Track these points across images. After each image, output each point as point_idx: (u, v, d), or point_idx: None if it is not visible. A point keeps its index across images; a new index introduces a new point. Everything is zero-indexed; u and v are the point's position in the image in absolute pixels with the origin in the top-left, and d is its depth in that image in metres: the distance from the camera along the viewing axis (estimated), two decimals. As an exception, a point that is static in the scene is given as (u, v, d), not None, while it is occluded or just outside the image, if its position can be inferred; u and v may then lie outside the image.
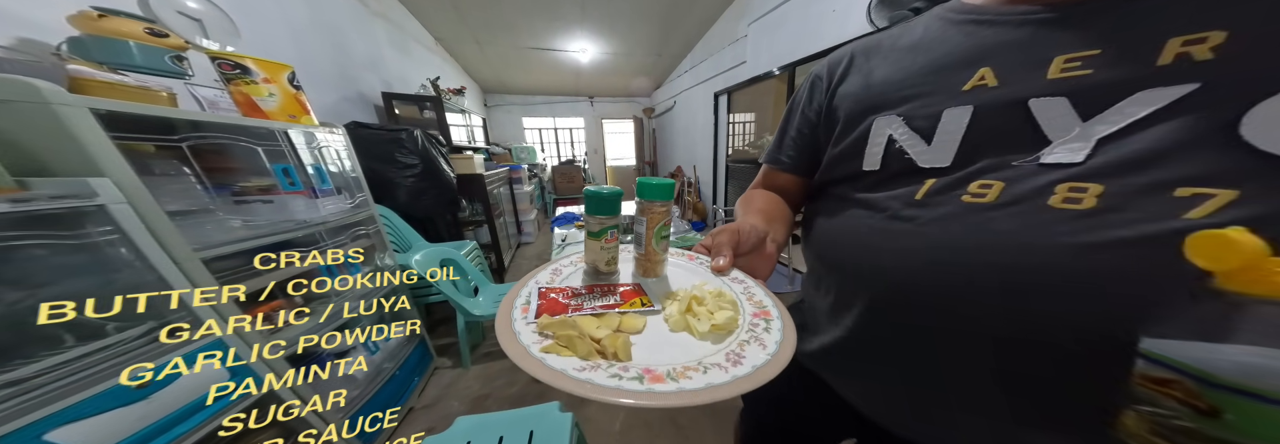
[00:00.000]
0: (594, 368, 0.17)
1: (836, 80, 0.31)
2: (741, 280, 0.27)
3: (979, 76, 0.22)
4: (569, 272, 0.27)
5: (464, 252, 1.30)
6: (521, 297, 0.22)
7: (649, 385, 0.16)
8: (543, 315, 0.20)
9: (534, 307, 0.21)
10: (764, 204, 0.36)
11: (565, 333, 0.18)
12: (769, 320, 0.22)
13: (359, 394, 0.79)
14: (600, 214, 0.25)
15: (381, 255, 0.97)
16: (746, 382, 0.17)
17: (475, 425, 0.62)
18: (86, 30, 0.49)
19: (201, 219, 0.56)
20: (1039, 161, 0.20)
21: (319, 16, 1.26)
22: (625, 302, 0.23)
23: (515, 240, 2.43)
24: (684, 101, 3.24)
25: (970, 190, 0.22)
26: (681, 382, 0.16)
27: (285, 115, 0.69)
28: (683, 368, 0.17)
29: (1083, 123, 0.19)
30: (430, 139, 1.40)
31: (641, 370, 0.17)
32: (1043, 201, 0.20)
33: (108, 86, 0.45)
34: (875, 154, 0.27)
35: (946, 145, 0.23)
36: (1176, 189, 0.17)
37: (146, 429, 0.41)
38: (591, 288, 0.24)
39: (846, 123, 0.29)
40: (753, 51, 2.00)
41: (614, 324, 0.21)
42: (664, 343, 0.20)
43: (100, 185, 0.39)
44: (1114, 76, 0.18)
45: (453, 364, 1.19)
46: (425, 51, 2.26)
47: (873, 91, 0.28)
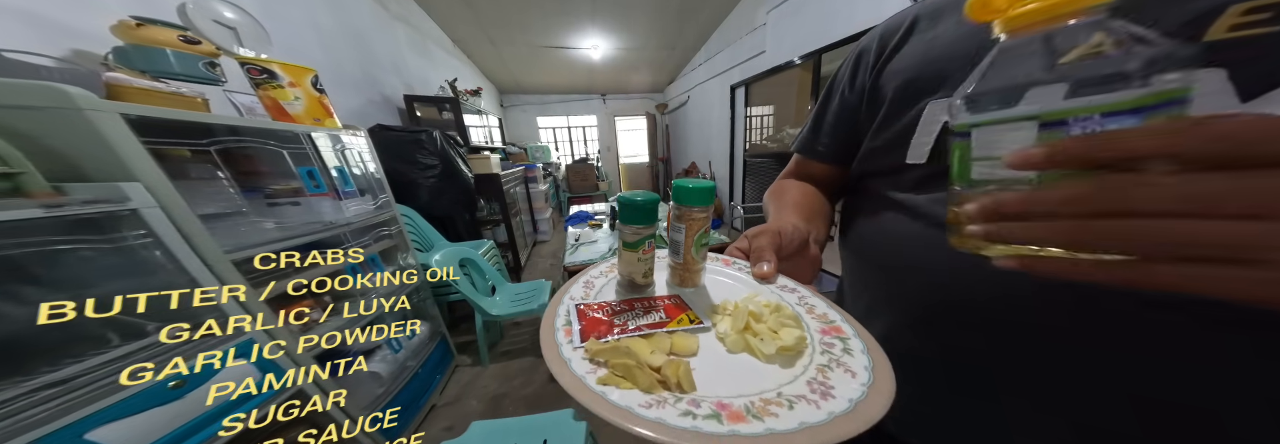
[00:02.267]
0: (661, 403, 0.14)
1: (888, 53, 0.25)
2: (793, 288, 0.24)
3: (1094, 42, 0.16)
4: (602, 283, 0.24)
5: (481, 251, 1.31)
6: (560, 316, 0.20)
7: (731, 426, 0.13)
8: (589, 338, 0.18)
9: (577, 328, 0.19)
10: (799, 197, 0.32)
11: (620, 362, 0.16)
12: (845, 339, 0.19)
13: (384, 392, 0.81)
14: (636, 223, 0.22)
15: (404, 255, 0.99)
16: (848, 421, 0.14)
17: (490, 431, 0.61)
18: (127, 39, 0.51)
19: (236, 221, 0.58)
20: None
21: (343, 21, 1.30)
22: (671, 318, 0.20)
23: (531, 239, 2.46)
24: (698, 95, 3.15)
25: None
26: (768, 421, 0.14)
27: (310, 118, 0.70)
28: (763, 402, 0.15)
29: (1241, 104, 0.14)
30: (448, 140, 1.42)
31: (714, 405, 0.14)
32: None
33: (143, 93, 0.46)
34: (923, 145, 0.22)
35: None
36: None
37: (182, 427, 0.42)
38: (631, 303, 0.22)
39: (893, 107, 0.24)
40: (772, 40, 1.90)
41: (665, 346, 0.18)
42: (724, 367, 0.17)
43: (132, 190, 0.40)
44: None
45: (472, 362, 1.22)
46: (444, 54, 2.31)
47: (932, 68, 0.22)
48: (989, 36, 0.19)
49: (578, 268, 0.99)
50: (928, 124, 0.22)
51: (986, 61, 0.14)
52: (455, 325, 1.40)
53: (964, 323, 0.20)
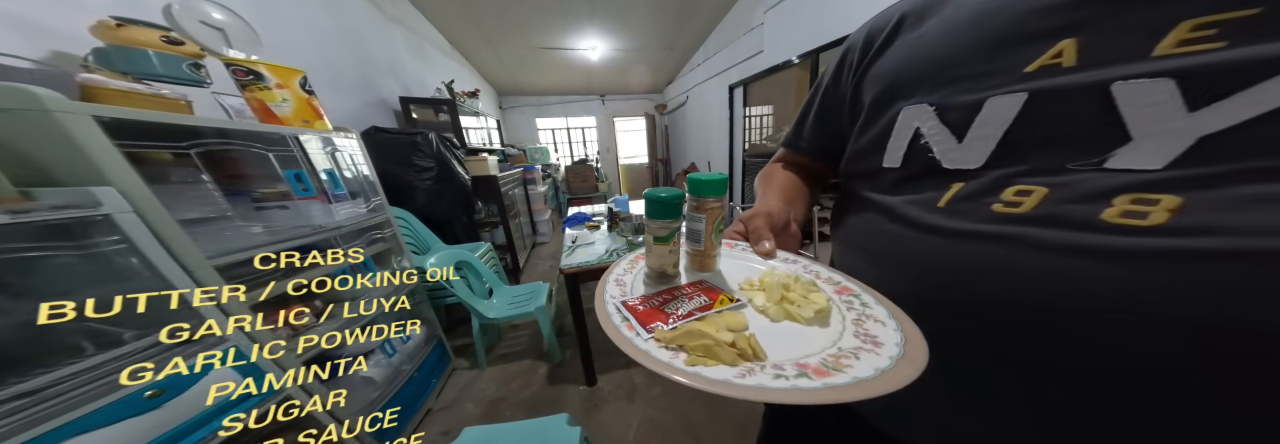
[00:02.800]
0: (750, 372, 0.15)
1: (872, 55, 0.26)
2: (794, 260, 0.27)
3: (1054, 52, 0.17)
4: (630, 280, 0.25)
5: (478, 253, 1.30)
6: (614, 315, 0.20)
7: (822, 380, 0.15)
8: (655, 329, 0.19)
9: (635, 323, 0.19)
10: (783, 182, 0.35)
11: (699, 343, 0.17)
12: (857, 295, 0.21)
13: (378, 396, 0.80)
14: (664, 218, 0.24)
15: (399, 259, 0.98)
16: (909, 364, 0.16)
17: (483, 437, 0.60)
18: (107, 40, 0.50)
19: (221, 226, 0.57)
20: (1103, 165, 0.16)
21: (339, 24, 1.30)
22: (713, 301, 0.21)
23: (531, 240, 2.45)
24: (697, 96, 3.15)
25: (1004, 197, 0.18)
26: (847, 371, 0.15)
27: (299, 120, 0.69)
28: (833, 358, 0.16)
29: (1188, 114, 0.14)
30: (444, 141, 1.41)
31: (797, 366, 0.16)
32: (1095, 215, 0.16)
33: (120, 94, 0.45)
34: (897, 150, 0.23)
35: (981, 144, 0.19)
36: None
37: (161, 437, 0.41)
38: (671, 293, 0.23)
39: (871, 112, 0.25)
40: (770, 40, 1.90)
41: (722, 325, 0.19)
42: (776, 335, 0.19)
43: (105, 194, 0.39)
44: (1263, 50, 0.13)
45: (469, 365, 1.20)
46: (441, 56, 2.31)
47: (908, 72, 0.23)
48: (976, 37, 0.20)
49: (575, 270, 0.98)
50: (902, 129, 0.23)
51: None
52: (453, 328, 1.39)
53: (961, 318, 0.20)
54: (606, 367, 1.14)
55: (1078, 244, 0.16)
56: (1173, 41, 0.14)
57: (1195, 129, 0.14)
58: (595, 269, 0.97)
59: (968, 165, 0.20)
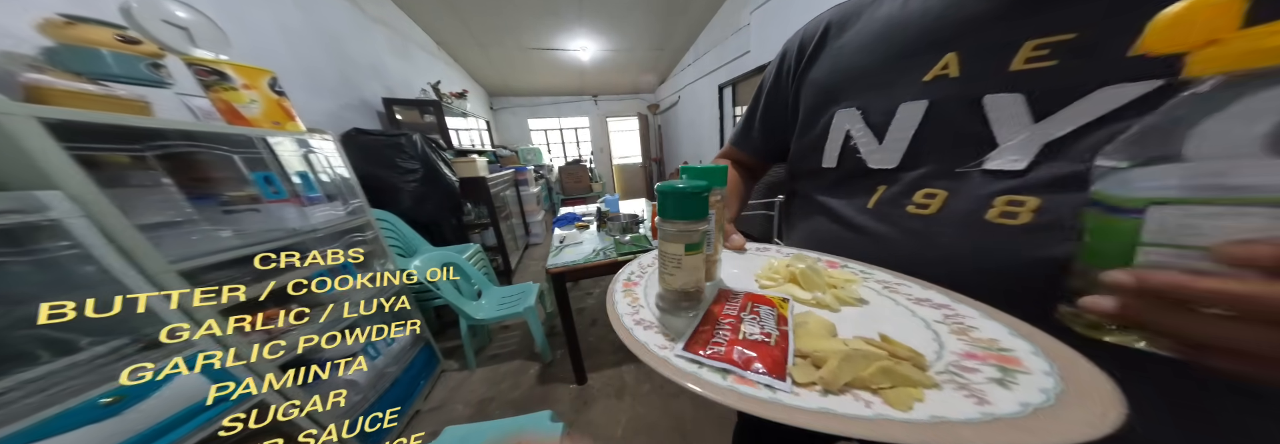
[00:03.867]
0: (968, 387, 0.12)
1: (805, 61, 0.29)
2: (764, 248, 0.27)
3: (942, 64, 0.20)
4: (650, 316, 0.18)
5: (466, 255, 1.29)
6: (710, 375, 0.13)
7: (1042, 369, 0.12)
8: (785, 373, 0.13)
9: (752, 374, 0.13)
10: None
11: (874, 368, 0.12)
12: (846, 266, 0.22)
13: (361, 398, 0.79)
14: (691, 218, 0.17)
15: (382, 261, 0.97)
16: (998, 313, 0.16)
17: (464, 435, 0.60)
18: (57, 38, 0.48)
19: (186, 230, 0.56)
20: (983, 167, 0.19)
21: (315, 23, 1.28)
22: (774, 306, 0.18)
23: (523, 242, 2.44)
24: (688, 96, 3.15)
25: (915, 200, 0.21)
26: (1012, 346, 0.14)
27: (269, 122, 0.68)
28: (961, 332, 0.15)
29: (1034, 124, 0.17)
30: (430, 143, 1.40)
31: (969, 359, 0.14)
32: (980, 216, 0.19)
33: (69, 95, 0.44)
34: (832, 151, 0.26)
35: (896, 145, 0.22)
36: None
37: None
38: (721, 315, 0.17)
39: (808, 115, 0.27)
40: (756, 40, 1.91)
41: (821, 334, 0.16)
42: (863, 325, 0.17)
43: (51, 198, 0.38)
44: (1078, 68, 0.16)
45: (459, 366, 1.20)
46: (428, 56, 2.28)
47: (837, 78, 0.25)
48: (884, 49, 0.22)
49: (561, 269, 0.97)
50: (835, 131, 0.25)
51: (1160, 116, 0.11)
52: (443, 330, 1.38)
53: None
54: (596, 365, 1.14)
55: (975, 246, 0.19)
56: (1022, 59, 0.17)
57: (1039, 137, 0.17)
58: (582, 268, 0.97)
59: (887, 165, 0.23)
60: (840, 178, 0.26)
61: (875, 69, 0.23)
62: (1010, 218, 0.18)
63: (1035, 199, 0.17)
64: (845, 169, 0.25)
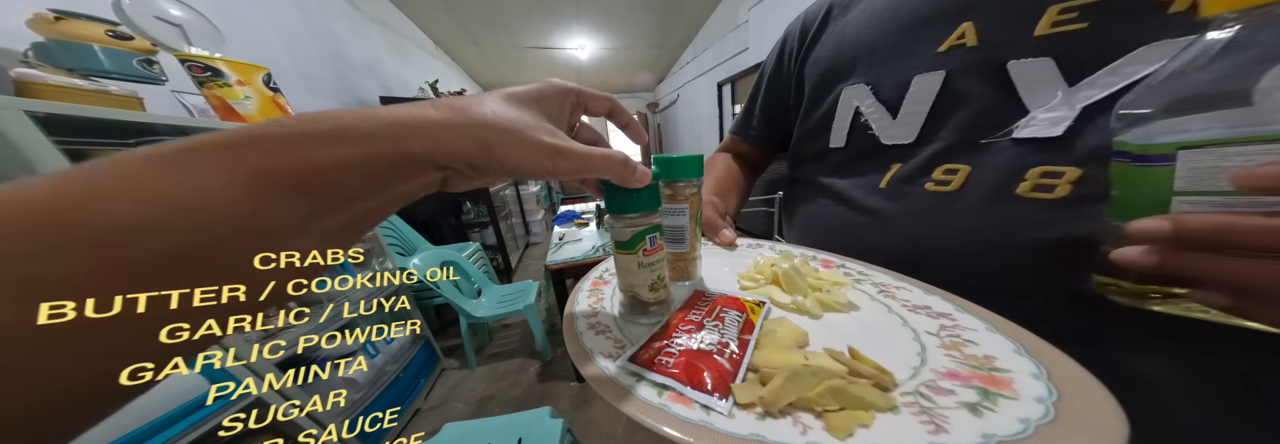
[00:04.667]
0: (929, 412, 0.10)
1: (809, 42, 0.28)
2: (757, 243, 0.25)
3: (958, 34, 0.19)
4: (608, 320, 0.17)
5: (465, 253, 1.29)
6: (638, 388, 0.12)
7: (1010, 392, 0.11)
8: (727, 389, 0.11)
9: (693, 392, 0.11)
10: (721, 174, 0.35)
11: (823, 387, 0.10)
12: (842, 266, 0.20)
13: (361, 397, 0.79)
14: (634, 211, 0.15)
15: (381, 260, 0.97)
16: (1018, 331, 0.14)
17: (464, 432, 0.60)
18: (47, 34, 0.48)
19: (182, 226, 0.55)
20: (1012, 136, 0.18)
21: (311, 22, 1.27)
22: (744, 311, 0.16)
23: (523, 241, 2.44)
24: (687, 94, 3.15)
25: (935, 177, 0.20)
26: (1010, 366, 0.12)
27: (264, 118, 0.67)
28: (953, 347, 0.13)
29: (1067, 88, 0.16)
30: (428, 141, 1.39)
31: (945, 377, 0.12)
32: (1011, 190, 0.17)
33: (59, 90, 0.44)
34: (841, 129, 0.25)
35: (912, 119, 0.21)
36: None
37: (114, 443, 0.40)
38: (686, 322, 0.15)
39: (814, 94, 0.26)
40: (755, 37, 1.91)
41: (787, 345, 0.14)
42: (841, 336, 0.15)
43: (42, 192, 0.37)
44: (1115, 29, 0.15)
45: (460, 365, 1.20)
46: (425, 55, 2.28)
47: (843, 55, 0.24)
48: (893, 23, 0.21)
49: (560, 266, 0.97)
50: (843, 109, 0.24)
51: (1186, 59, 0.10)
52: (443, 329, 1.38)
53: None
54: (596, 363, 1.13)
55: (1002, 223, 0.17)
56: (1047, 23, 0.16)
57: (1076, 101, 0.16)
58: (581, 265, 0.97)
59: (903, 140, 0.21)
60: (849, 157, 0.24)
61: (884, 43, 0.22)
62: (1045, 191, 0.16)
63: (1075, 169, 0.16)
64: (856, 147, 0.24)
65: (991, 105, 0.18)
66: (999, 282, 0.17)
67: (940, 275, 0.18)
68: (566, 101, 0.14)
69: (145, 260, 0.07)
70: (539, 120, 0.12)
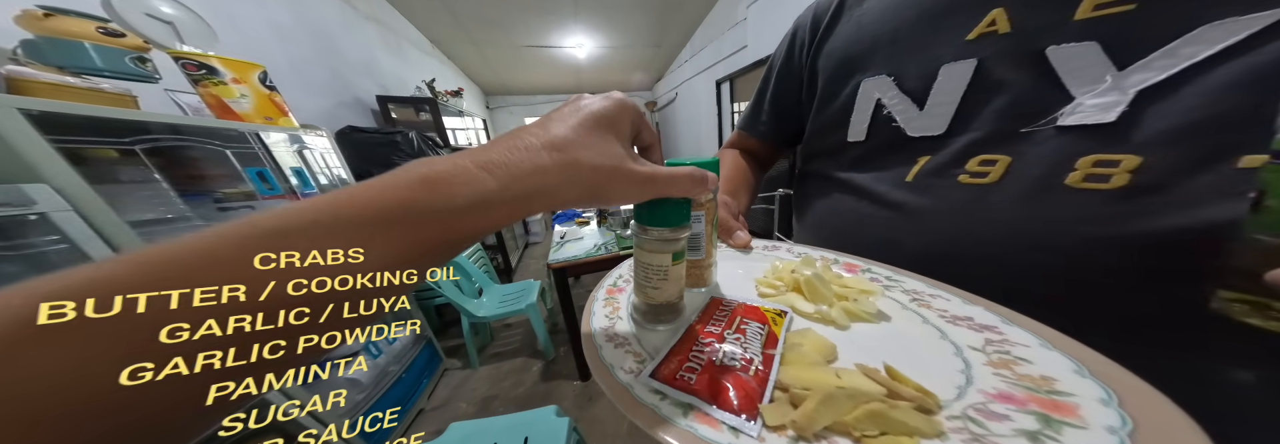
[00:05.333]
0: (981, 440, 0.09)
1: (820, 34, 0.27)
2: (774, 246, 0.24)
3: (988, 21, 0.18)
4: (624, 329, 0.16)
5: (465, 253, 1.28)
6: (663, 408, 0.11)
7: (1060, 417, 0.09)
8: (754, 411, 0.11)
9: (718, 412, 0.11)
10: (730, 171, 0.34)
11: (861, 411, 0.10)
12: (868, 270, 0.19)
13: (365, 397, 0.79)
14: (674, 225, 0.15)
15: (380, 259, 0.96)
16: (1070, 344, 0.12)
17: (470, 431, 0.59)
18: (36, 31, 0.47)
19: (179, 228, 0.55)
20: (1057, 124, 0.16)
21: (306, 21, 1.26)
22: (765, 322, 0.15)
23: (523, 240, 2.43)
24: (686, 92, 3.14)
25: (969, 168, 0.19)
26: (1057, 384, 0.10)
27: (261, 117, 0.67)
28: (1001, 362, 0.11)
29: (1117, 72, 0.15)
30: (426, 141, 1.38)
31: (1002, 402, 0.10)
32: (1058, 180, 0.16)
33: (52, 88, 0.43)
34: (861, 123, 0.23)
35: (941, 110, 0.20)
36: (1245, 158, 0.12)
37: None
38: (705, 334, 0.15)
39: (829, 87, 0.25)
40: (753, 35, 1.90)
41: (814, 361, 0.13)
42: (874, 349, 0.14)
43: (37, 192, 0.37)
44: (1167, 8, 0.14)
45: (462, 365, 1.19)
46: (421, 54, 2.26)
47: (860, 47, 0.23)
48: (915, 12, 0.20)
49: (562, 265, 0.97)
50: (863, 101, 0.23)
51: None
52: (445, 329, 1.37)
53: None
54: (599, 362, 1.13)
55: (1050, 216, 0.16)
56: (1089, 6, 0.15)
57: (1129, 85, 0.15)
58: (583, 263, 0.97)
59: (931, 132, 0.20)
60: (870, 151, 0.23)
61: (906, 33, 0.21)
62: (1099, 182, 0.15)
63: (1133, 157, 0.14)
64: (878, 141, 0.23)
65: (1030, 93, 0.17)
66: (1044, 282, 0.16)
67: (975, 275, 0.17)
68: (635, 119, 0.14)
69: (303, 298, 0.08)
70: (623, 148, 0.12)
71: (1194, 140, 0.13)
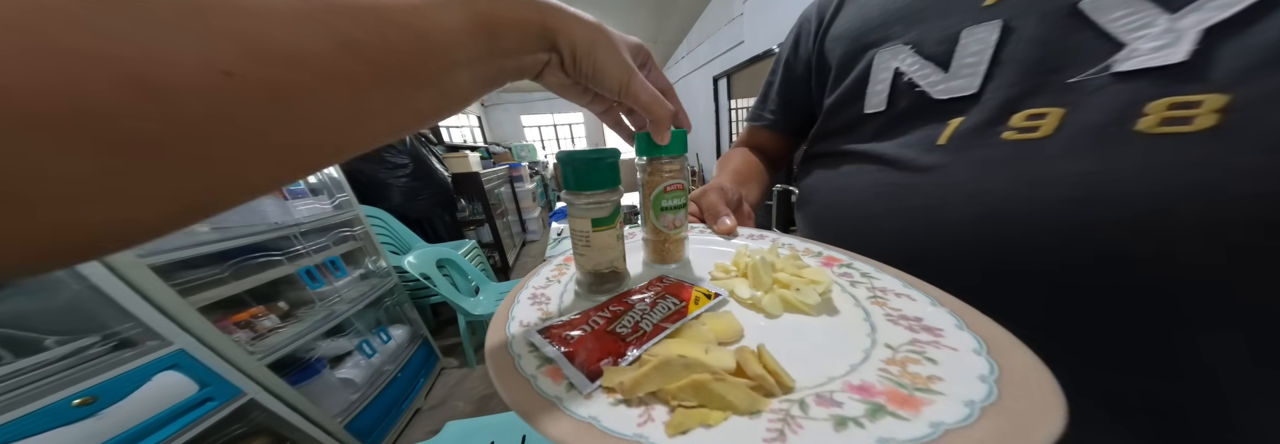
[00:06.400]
0: (790, 422, 0.09)
1: (827, 21, 0.27)
2: (759, 234, 0.23)
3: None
4: (556, 293, 0.18)
5: (462, 251, 1.27)
6: (524, 359, 0.12)
7: (921, 414, 0.09)
8: (601, 371, 0.11)
9: (568, 365, 0.12)
10: (739, 164, 0.34)
11: (686, 381, 0.10)
12: (848, 265, 0.18)
13: (360, 397, 0.78)
14: (597, 188, 0.16)
15: (373, 258, 0.95)
16: (1019, 357, 0.10)
17: (468, 430, 0.59)
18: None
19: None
20: (1111, 71, 0.15)
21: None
22: (687, 300, 0.15)
23: (520, 238, 2.42)
24: (682, 88, 3.12)
25: (1014, 124, 0.17)
26: (938, 386, 0.10)
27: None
28: (898, 367, 0.10)
29: (1169, 15, 0.14)
30: (419, 137, 1.37)
31: (856, 394, 0.10)
32: (1127, 128, 0.14)
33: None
34: (879, 93, 0.22)
35: (969, 70, 0.18)
36: None
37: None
38: (621, 301, 0.15)
39: (842, 64, 0.25)
40: (750, 30, 1.89)
41: (708, 339, 0.13)
42: (783, 338, 0.13)
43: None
44: None
45: (459, 364, 1.19)
46: (414, 51, 2.22)
47: (870, 24, 0.23)
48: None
49: (557, 263, 0.96)
50: (879, 72, 0.22)
51: None
52: (443, 328, 1.36)
53: (994, 268, 0.17)
54: (597, 359, 1.13)
55: (1122, 168, 0.14)
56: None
57: (1184, 27, 0.13)
58: (578, 261, 0.96)
59: (963, 92, 0.19)
60: (893, 119, 0.22)
61: (919, 4, 0.21)
62: (1180, 124, 0.13)
63: (1218, 96, 0.12)
64: (900, 108, 0.22)
65: (1071, 45, 0.16)
66: (1118, 245, 0.14)
67: (1024, 240, 0.15)
68: (641, 53, 0.16)
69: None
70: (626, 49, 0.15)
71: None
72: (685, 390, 0.10)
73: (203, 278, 0.54)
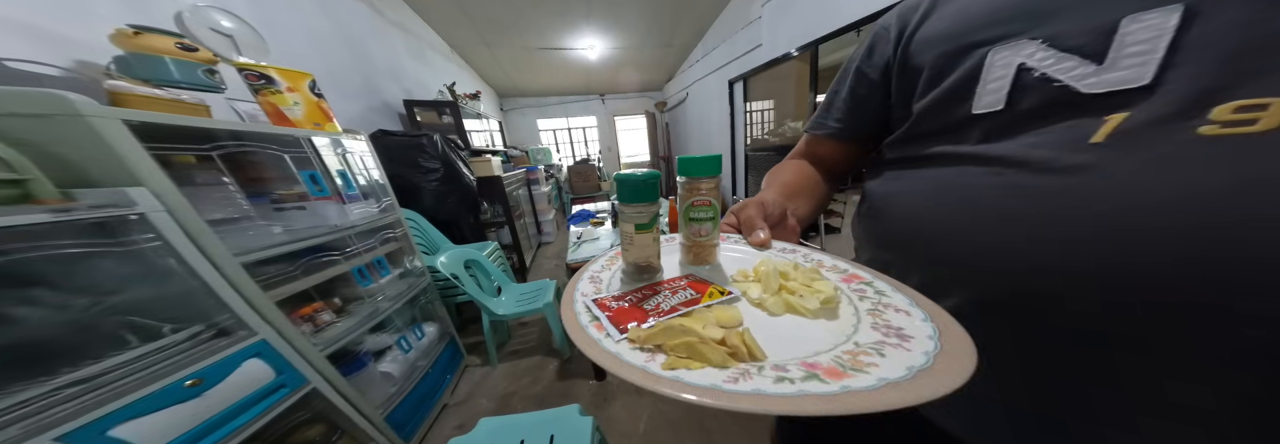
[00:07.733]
0: (746, 375, 0.12)
1: (913, 27, 0.25)
2: (792, 249, 0.25)
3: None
4: (608, 277, 0.23)
5: (486, 252, 1.32)
6: (582, 314, 0.18)
7: (841, 383, 0.12)
8: (627, 329, 0.16)
9: (607, 322, 0.17)
10: (792, 177, 0.33)
11: (680, 341, 0.14)
12: (869, 283, 0.19)
13: (397, 391, 0.82)
14: (641, 201, 0.22)
15: (410, 258, 1.00)
16: (953, 360, 0.12)
17: (498, 427, 0.62)
18: (126, 48, 0.52)
19: (243, 226, 0.59)
20: None
21: (340, 28, 1.32)
22: (701, 294, 0.19)
23: (536, 240, 2.47)
24: (697, 92, 3.13)
25: (1217, 118, 0.14)
26: (872, 371, 0.12)
27: (310, 123, 0.71)
28: (849, 355, 0.13)
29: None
30: (449, 143, 1.43)
31: (804, 366, 0.13)
32: None
33: (144, 99, 0.47)
34: (995, 91, 0.20)
35: (1136, 60, 0.15)
36: None
37: (201, 425, 0.43)
38: (652, 288, 0.20)
39: (938, 66, 0.23)
40: (768, 33, 1.89)
41: (709, 320, 0.17)
42: (775, 331, 0.16)
43: (138, 195, 0.41)
44: None
45: (481, 362, 1.23)
46: (441, 59, 2.33)
47: (975, 23, 0.21)
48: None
49: (580, 265, 0.99)
50: (995, 71, 0.20)
51: None
52: (465, 327, 1.41)
53: (1073, 302, 0.16)
54: (616, 360, 1.14)
55: None
56: None
57: None
58: (602, 264, 0.98)
59: (1128, 84, 0.16)
60: (1018, 118, 0.19)
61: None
62: None
63: None
64: (1028, 105, 0.19)
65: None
66: None
67: (1250, 263, 0.12)
68: None
69: None
70: None
71: None
72: (680, 347, 0.14)
73: (280, 275, 0.60)
